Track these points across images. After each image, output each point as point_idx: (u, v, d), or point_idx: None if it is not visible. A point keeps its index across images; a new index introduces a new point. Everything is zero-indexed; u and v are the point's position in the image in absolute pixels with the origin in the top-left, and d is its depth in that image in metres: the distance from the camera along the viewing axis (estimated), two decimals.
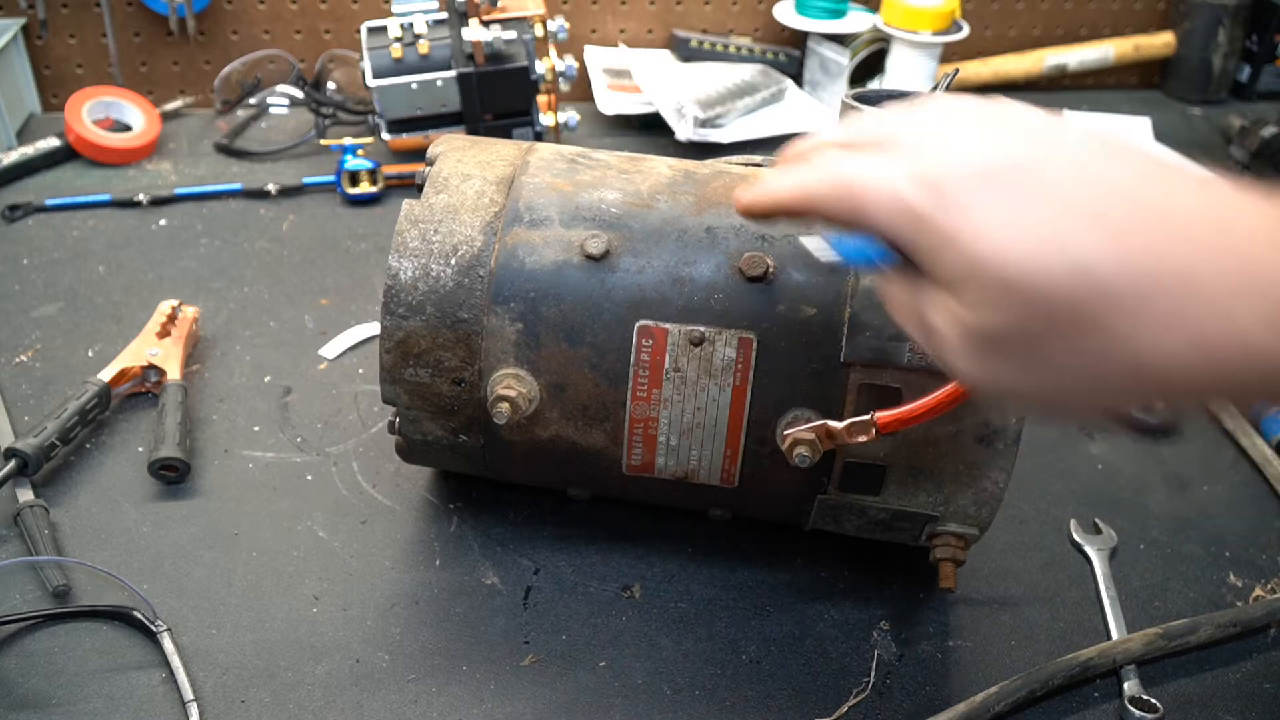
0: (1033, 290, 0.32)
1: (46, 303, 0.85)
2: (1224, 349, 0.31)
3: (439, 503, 0.67)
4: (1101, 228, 0.32)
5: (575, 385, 0.56)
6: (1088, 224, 0.32)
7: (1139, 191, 0.33)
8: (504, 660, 0.57)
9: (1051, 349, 0.33)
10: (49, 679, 0.55)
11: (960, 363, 0.36)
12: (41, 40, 1.16)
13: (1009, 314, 0.33)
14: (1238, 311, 0.31)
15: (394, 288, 0.56)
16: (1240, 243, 0.31)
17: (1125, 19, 1.32)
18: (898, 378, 0.53)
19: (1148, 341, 0.32)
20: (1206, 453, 0.75)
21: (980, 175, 0.34)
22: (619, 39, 1.25)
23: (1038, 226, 0.32)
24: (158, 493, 0.67)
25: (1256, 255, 0.31)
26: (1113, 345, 0.32)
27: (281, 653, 0.57)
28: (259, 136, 1.13)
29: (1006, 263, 0.33)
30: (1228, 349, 0.31)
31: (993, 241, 0.33)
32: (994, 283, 0.33)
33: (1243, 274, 0.31)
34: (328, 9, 1.19)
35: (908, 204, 0.35)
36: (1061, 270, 0.32)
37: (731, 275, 0.54)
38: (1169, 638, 0.59)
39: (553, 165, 0.60)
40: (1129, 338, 0.32)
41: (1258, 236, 0.31)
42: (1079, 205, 0.32)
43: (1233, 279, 0.31)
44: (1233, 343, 0.31)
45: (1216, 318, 0.31)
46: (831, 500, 0.57)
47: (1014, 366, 0.35)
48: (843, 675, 0.57)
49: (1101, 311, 0.32)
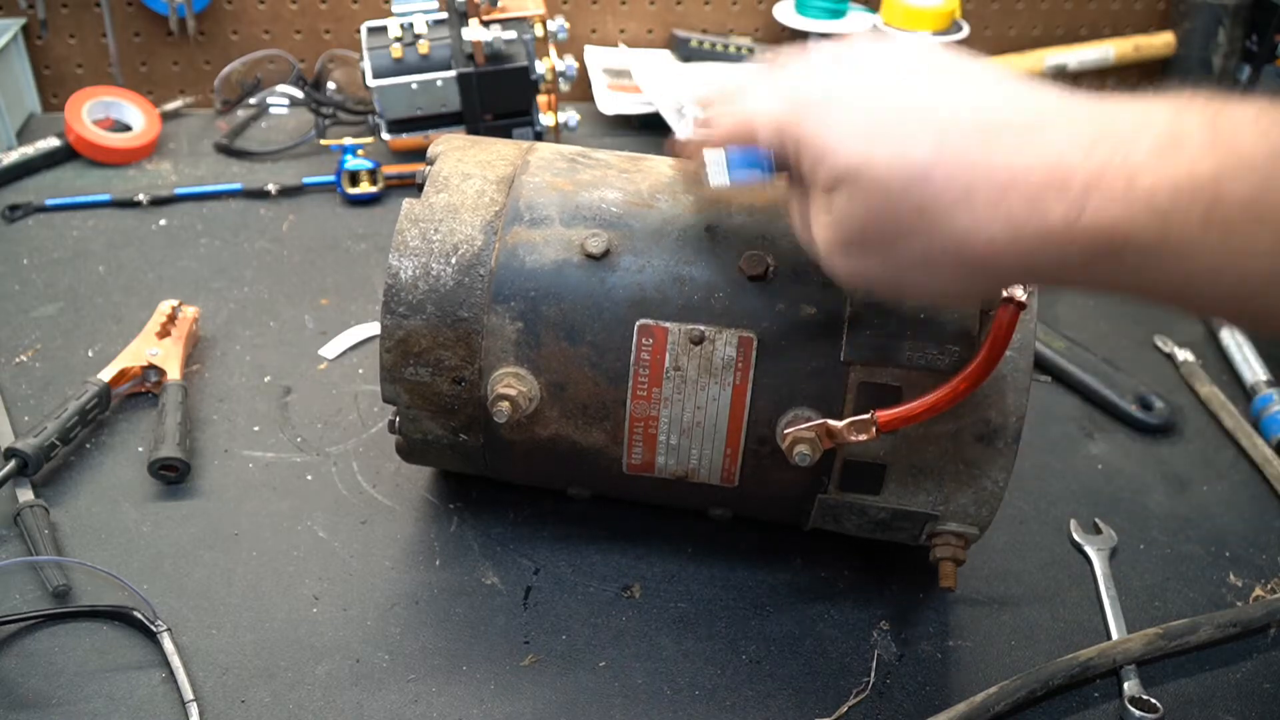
0: (875, 182, 0.39)
1: (46, 303, 0.85)
2: (1032, 234, 0.37)
3: (439, 503, 0.67)
4: (934, 133, 0.39)
5: (575, 384, 0.56)
6: (922, 130, 0.39)
7: (969, 103, 0.39)
8: (504, 660, 0.57)
9: (897, 239, 0.40)
10: (49, 679, 0.55)
11: (834, 260, 0.44)
12: (41, 40, 1.16)
13: (860, 206, 0.41)
14: (1044, 203, 0.37)
15: (394, 287, 0.56)
16: (1051, 143, 0.37)
17: (1125, 19, 1.32)
18: (898, 376, 0.53)
19: (970, 227, 0.38)
20: (1206, 453, 0.75)
21: (835, 92, 0.42)
22: (619, 39, 1.25)
23: (880, 130, 0.40)
24: (158, 493, 0.67)
25: (1065, 154, 0.37)
26: (944, 231, 0.39)
27: (281, 653, 0.57)
28: (259, 136, 1.12)
29: (852, 157, 0.40)
30: (1035, 233, 0.37)
31: (841, 141, 0.40)
32: (844, 175, 0.40)
33: (1051, 170, 0.37)
34: (328, 9, 1.19)
35: (780, 119, 0.43)
36: (899, 166, 0.39)
37: (732, 274, 0.54)
38: (1169, 638, 0.58)
39: (553, 165, 0.60)
40: (956, 224, 0.38)
41: (1068, 137, 0.37)
42: (916, 115, 0.39)
43: (1041, 175, 0.37)
44: (1039, 228, 0.37)
45: (1027, 207, 0.37)
46: (831, 499, 0.57)
47: (872, 259, 0.42)
48: (843, 675, 0.57)
49: (934, 202, 0.39)
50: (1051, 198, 0.37)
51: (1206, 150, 0.34)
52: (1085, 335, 0.84)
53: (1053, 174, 0.37)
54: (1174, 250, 0.35)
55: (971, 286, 0.42)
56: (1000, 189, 0.38)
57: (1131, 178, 0.35)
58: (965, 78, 0.41)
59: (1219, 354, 0.84)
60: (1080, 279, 0.38)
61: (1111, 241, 0.36)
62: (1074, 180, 0.36)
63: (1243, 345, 0.83)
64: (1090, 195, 0.36)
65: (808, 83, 0.43)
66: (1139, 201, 0.35)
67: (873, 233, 0.41)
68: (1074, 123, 0.38)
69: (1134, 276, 0.37)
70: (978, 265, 0.40)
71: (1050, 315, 0.87)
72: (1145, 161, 0.35)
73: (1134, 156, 0.36)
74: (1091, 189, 0.36)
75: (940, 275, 0.41)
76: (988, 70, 0.41)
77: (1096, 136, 0.37)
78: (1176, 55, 1.30)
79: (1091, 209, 0.36)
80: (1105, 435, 0.76)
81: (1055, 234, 0.37)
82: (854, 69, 0.42)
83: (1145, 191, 0.35)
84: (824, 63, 0.43)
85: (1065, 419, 0.77)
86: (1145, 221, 0.35)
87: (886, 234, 0.41)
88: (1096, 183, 0.36)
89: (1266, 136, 0.34)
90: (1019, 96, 0.40)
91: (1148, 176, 0.35)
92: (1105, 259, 0.37)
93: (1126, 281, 0.37)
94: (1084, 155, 0.36)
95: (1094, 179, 0.36)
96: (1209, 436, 0.76)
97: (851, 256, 0.43)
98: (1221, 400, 0.78)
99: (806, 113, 0.42)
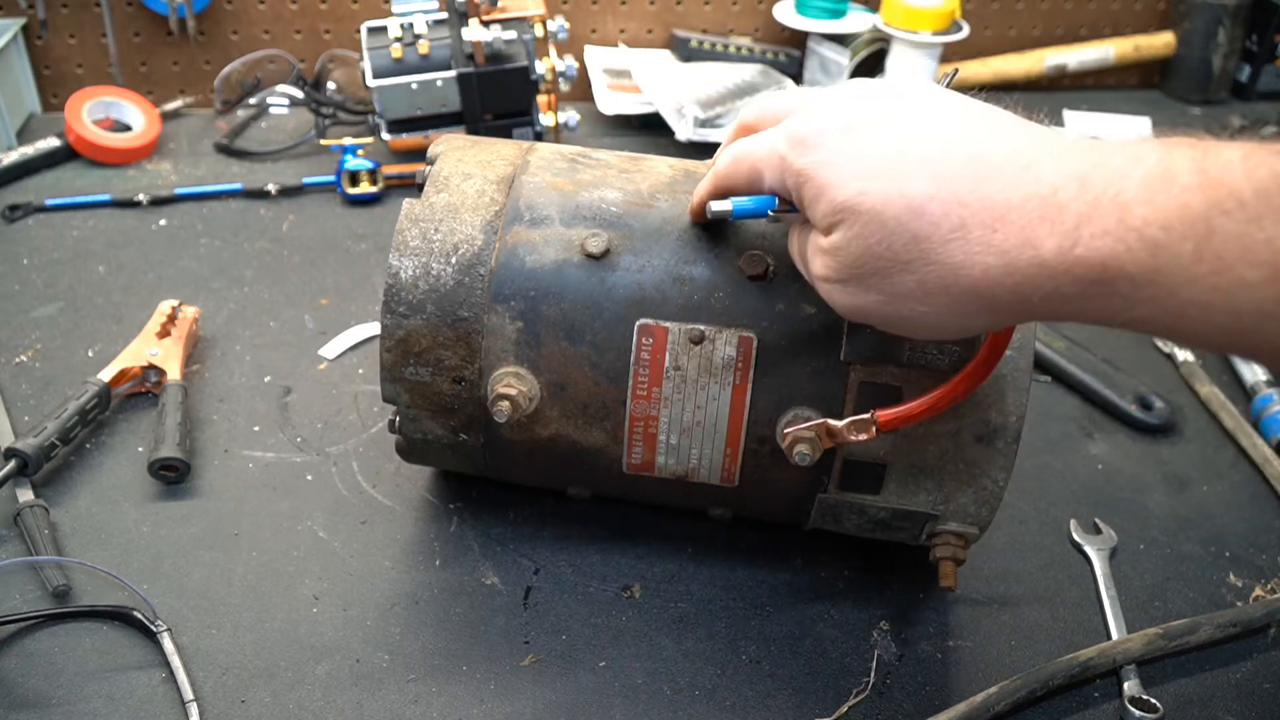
0: (872, 216, 0.41)
1: (46, 303, 0.85)
2: (1025, 265, 0.38)
3: (439, 503, 0.67)
4: (929, 170, 0.40)
5: (575, 384, 0.56)
6: (918, 167, 0.40)
7: (964, 140, 0.41)
8: (504, 660, 0.57)
9: (894, 272, 0.42)
10: (49, 679, 0.55)
11: (833, 293, 0.45)
12: (41, 40, 1.16)
13: (858, 241, 0.42)
14: (1037, 235, 0.38)
15: (394, 286, 0.56)
16: (1044, 178, 0.38)
17: (1125, 19, 1.32)
18: (898, 376, 0.53)
19: (964, 260, 0.40)
20: (1206, 453, 0.75)
21: (836, 130, 0.43)
22: (619, 39, 1.25)
23: (877, 168, 0.41)
24: (158, 493, 0.67)
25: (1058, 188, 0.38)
26: (939, 264, 0.40)
27: (281, 653, 0.57)
28: (259, 136, 1.12)
29: (849, 193, 0.42)
30: (1028, 265, 0.38)
31: (840, 178, 0.42)
32: (842, 210, 0.42)
33: (1044, 203, 0.38)
34: (328, 9, 1.19)
35: (782, 156, 0.45)
36: (896, 201, 0.40)
37: (732, 274, 0.54)
38: (1169, 638, 0.58)
39: (553, 164, 0.60)
40: (951, 257, 0.40)
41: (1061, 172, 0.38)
42: (911, 153, 0.41)
43: (1034, 208, 0.38)
44: (1033, 260, 0.38)
45: (1020, 239, 0.38)
46: (831, 499, 0.57)
47: (870, 292, 0.43)
48: (843, 675, 0.57)
49: (929, 235, 0.40)
50: (1045, 230, 0.38)
51: (1196, 187, 0.35)
52: (1085, 335, 0.84)
53: (1045, 207, 0.38)
54: (1166, 283, 0.36)
55: (966, 319, 0.43)
56: (994, 222, 0.39)
57: (1124, 212, 0.36)
58: (960, 116, 0.42)
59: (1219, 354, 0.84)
60: (1073, 311, 0.39)
61: (1105, 273, 0.37)
62: (1066, 213, 0.37)
63: None
64: (1083, 228, 0.37)
65: (806, 123, 0.44)
66: (1132, 234, 0.36)
67: (870, 266, 0.42)
68: (1066, 159, 0.39)
69: (1127, 309, 0.38)
70: (972, 297, 0.41)
71: None
72: (1137, 196, 0.36)
73: (1126, 192, 0.37)
74: (1084, 222, 0.37)
75: (936, 307, 0.42)
76: (982, 109, 0.43)
77: (1089, 171, 0.38)
78: (1176, 55, 1.31)
79: (1084, 241, 0.37)
80: (1105, 435, 0.76)
81: (1048, 266, 0.38)
82: (851, 109, 0.44)
83: (1137, 225, 0.36)
84: (822, 103, 0.45)
85: (1065, 419, 0.77)
86: (1138, 254, 0.36)
87: (883, 267, 0.42)
88: (1089, 216, 0.37)
89: (1252, 177, 0.35)
90: (1012, 134, 0.41)
91: (1140, 210, 0.36)
92: (1098, 291, 0.38)
93: (1119, 314, 0.38)
94: (1077, 189, 0.38)
95: (1087, 212, 0.37)
96: (1209, 436, 0.76)
97: (849, 290, 0.44)
98: (1221, 400, 0.78)
99: (805, 152, 0.44)
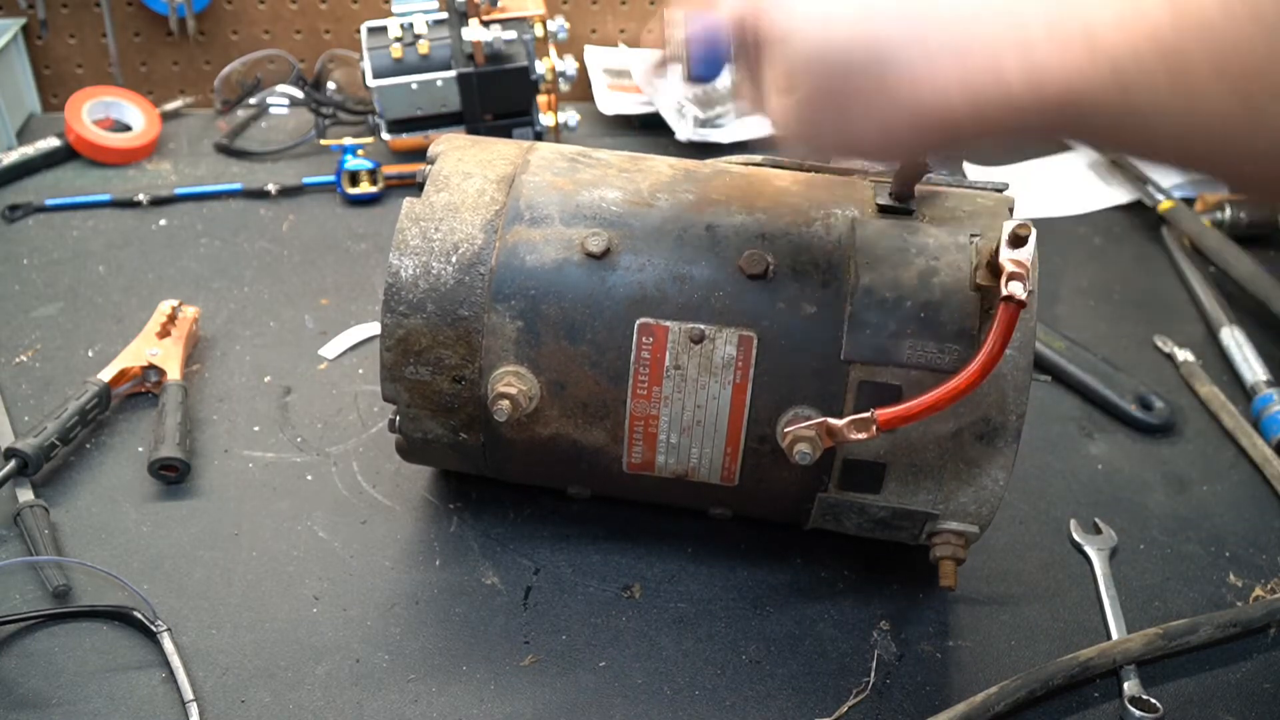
0: (834, 46, 0.41)
1: (46, 303, 0.85)
2: (987, 94, 0.38)
3: (439, 503, 0.67)
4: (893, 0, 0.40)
5: (575, 383, 0.56)
6: None
7: None
8: (504, 660, 0.57)
9: (854, 101, 0.41)
10: (49, 679, 0.55)
11: (790, 124, 0.44)
12: (41, 40, 1.16)
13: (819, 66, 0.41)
14: (1005, 61, 0.37)
15: (395, 285, 0.56)
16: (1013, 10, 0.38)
17: None
18: (898, 375, 0.53)
19: (928, 89, 0.39)
20: (1206, 453, 0.75)
21: None
22: (619, 39, 1.25)
23: None
24: (158, 493, 0.67)
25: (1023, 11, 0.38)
26: (901, 94, 0.40)
27: (281, 653, 0.57)
28: (259, 136, 1.12)
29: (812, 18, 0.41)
30: (990, 94, 0.38)
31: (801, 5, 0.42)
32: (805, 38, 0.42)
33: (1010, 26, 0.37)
34: (328, 9, 1.19)
35: None
36: (861, 29, 0.40)
37: (732, 273, 0.54)
38: (1169, 638, 0.58)
39: (553, 164, 0.60)
40: (914, 86, 0.39)
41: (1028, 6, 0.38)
42: None
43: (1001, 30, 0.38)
44: (995, 89, 0.38)
45: (983, 68, 0.38)
46: (831, 498, 0.57)
47: (828, 120, 0.43)
48: (843, 675, 0.57)
49: (892, 64, 0.40)
50: (1010, 57, 0.37)
51: (1166, 13, 0.35)
52: (1085, 335, 0.84)
53: (1011, 30, 0.37)
54: (1137, 109, 0.36)
55: (927, 144, 0.43)
56: (958, 44, 0.38)
57: (1092, 38, 0.36)
58: None
59: (1219, 354, 0.84)
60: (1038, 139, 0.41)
61: (1075, 103, 0.37)
62: (1033, 38, 0.37)
63: (1243, 345, 0.83)
64: (1051, 55, 0.37)
65: None
66: (1101, 61, 0.36)
67: (829, 95, 0.42)
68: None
69: (1093, 135, 0.38)
70: (935, 127, 0.40)
71: (1050, 315, 0.87)
72: (1107, 22, 0.36)
73: (1095, 18, 0.36)
74: (1052, 49, 0.37)
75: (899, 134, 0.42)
76: None
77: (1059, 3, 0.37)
78: None
79: (1053, 70, 0.37)
80: (1105, 435, 0.76)
81: (1015, 97, 0.38)
82: None
83: (1107, 51, 0.36)
84: None
85: (1065, 419, 0.77)
86: (1107, 81, 0.36)
87: (843, 95, 0.41)
88: (1057, 40, 0.36)
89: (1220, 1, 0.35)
90: None
91: (1109, 36, 0.36)
92: (1067, 119, 0.37)
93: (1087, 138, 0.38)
94: (1043, 13, 0.37)
95: (1054, 37, 0.37)
96: (1209, 436, 0.76)
97: (808, 119, 0.44)
98: (1221, 400, 0.78)
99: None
